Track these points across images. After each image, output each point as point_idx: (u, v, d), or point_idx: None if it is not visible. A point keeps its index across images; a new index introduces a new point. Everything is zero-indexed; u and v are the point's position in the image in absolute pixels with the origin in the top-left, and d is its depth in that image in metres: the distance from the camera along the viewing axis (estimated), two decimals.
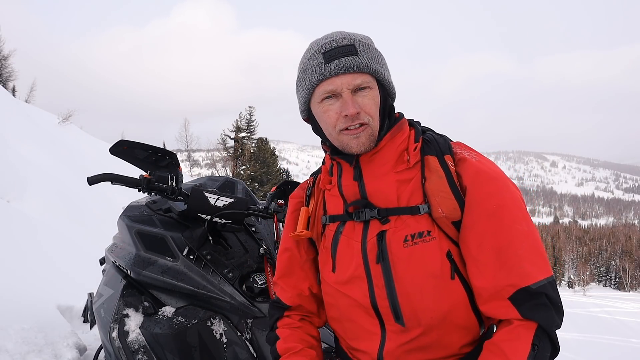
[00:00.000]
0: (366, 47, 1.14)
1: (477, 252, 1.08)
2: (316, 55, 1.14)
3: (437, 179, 1.12)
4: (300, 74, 1.19)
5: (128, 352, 1.70)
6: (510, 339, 1.02)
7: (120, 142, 1.77)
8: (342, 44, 1.12)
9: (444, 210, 1.10)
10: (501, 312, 1.06)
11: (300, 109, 1.24)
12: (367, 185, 1.17)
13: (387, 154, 1.16)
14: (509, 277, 1.04)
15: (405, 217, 1.12)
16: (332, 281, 1.23)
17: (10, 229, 4.90)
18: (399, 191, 1.14)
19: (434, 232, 1.10)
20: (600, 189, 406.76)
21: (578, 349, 7.39)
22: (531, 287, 1.03)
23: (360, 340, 1.20)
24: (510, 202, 1.09)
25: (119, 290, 1.82)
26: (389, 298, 1.12)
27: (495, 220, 1.07)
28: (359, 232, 1.17)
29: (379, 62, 1.15)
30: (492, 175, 1.12)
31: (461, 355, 1.15)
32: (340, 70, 1.10)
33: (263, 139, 37.76)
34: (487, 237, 1.07)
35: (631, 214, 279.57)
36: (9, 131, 9.45)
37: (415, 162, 1.15)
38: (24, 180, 7.05)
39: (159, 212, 1.94)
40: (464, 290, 1.11)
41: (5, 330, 2.31)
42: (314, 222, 1.30)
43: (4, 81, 27.34)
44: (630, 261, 74.57)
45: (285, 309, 1.35)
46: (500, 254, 1.06)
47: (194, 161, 45.92)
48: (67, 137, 15.33)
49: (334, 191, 1.25)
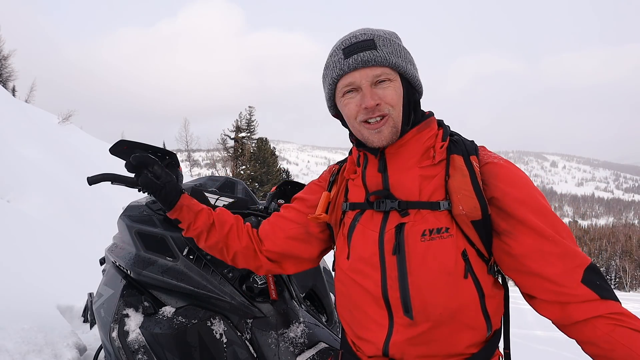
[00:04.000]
0: (387, 42, 1.15)
1: (537, 244, 1.09)
2: (337, 51, 1.17)
3: (461, 177, 1.13)
4: (324, 71, 1.23)
5: (128, 352, 1.70)
6: (625, 315, 1.04)
7: (120, 142, 1.77)
8: (361, 39, 1.14)
9: (464, 207, 1.11)
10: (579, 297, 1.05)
11: (327, 105, 1.28)
12: (390, 177, 1.18)
13: (412, 148, 1.18)
14: (575, 259, 1.06)
15: (425, 211, 1.13)
16: (345, 268, 1.24)
17: (10, 229, 4.90)
18: (422, 186, 1.15)
19: (452, 230, 1.11)
20: (600, 189, 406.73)
21: (578, 349, 7.38)
22: (592, 264, 1.07)
23: (367, 331, 1.20)
24: (541, 196, 1.14)
25: (119, 290, 1.82)
26: (400, 290, 1.12)
27: (540, 214, 1.10)
28: (377, 222, 1.18)
29: (401, 56, 1.16)
30: (522, 173, 1.16)
31: (467, 356, 1.15)
32: (359, 64, 1.13)
33: (263, 139, 37.76)
34: (541, 229, 1.09)
35: (631, 214, 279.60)
36: (9, 131, 9.45)
37: (440, 159, 1.17)
38: (24, 180, 7.05)
39: (159, 212, 1.94)
40: (476, 291, 1.12)
41: (5, 330, 2.31)
42: (334, 208, 1.32)
43: (4, 81, 27.33)
44: (630, 261, 74.62)
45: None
46: (557, 243, 1.08)
47: (194, 161, 45.91)
48: (67, 137, 15.33)
49: (357, 181, 1.27)
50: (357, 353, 1.26)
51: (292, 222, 1.41)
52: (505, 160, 1.19)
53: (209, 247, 1.44)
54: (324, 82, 1.24)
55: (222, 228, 1.42)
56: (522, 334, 8.69)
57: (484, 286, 1.13)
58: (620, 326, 1.02)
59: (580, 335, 1.08)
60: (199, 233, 1.41)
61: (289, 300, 1.82)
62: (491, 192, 1.13)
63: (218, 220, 1.43)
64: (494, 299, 1.16)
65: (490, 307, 1.15)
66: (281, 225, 1.42)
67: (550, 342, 8.07)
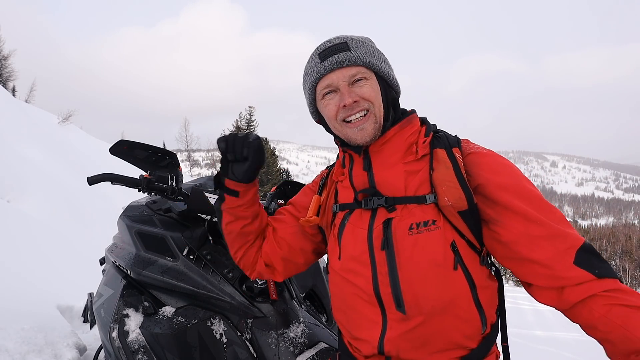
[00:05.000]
0: (360, 44, 1.20)
1: (524, 228, 1.08)
2: (314, 57, 1.23)
3: (445, 169, 1.15)
4: (303, 77, 1.28)
5: (128, 352, 1.70)
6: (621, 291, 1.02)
7: (120, 142, 1.77)
8: (335, 43, 1.20)
9: (450, 199, 1.12)
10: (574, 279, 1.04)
11: (310, 111, 1.31)
12: (375, 174, 1.21)
13: (395, 145, 1.20)
14: (565, 241, 1.05)
15: (411, 206, 1.15)
16: (337, 268, 1.25)
17: (10, 229, 4.90)
18: (407, 181, 1.17)
19: (439, 222, 1.12)
20: (600, 189, 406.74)
21: (578, 348, 7.38)
22: (585, 244, 1.05)
23: (362, 330, 1.21)
24: (528, 182, 1.14)
25: (119, 290, 1.82)
26: (391, 285, 1.13)
27: (525, 198, 1.10)
28: (365, 220, 1.20)
29: (375, 56, 1.21)
30: (506, 161, 1.17)
31: (465, 351, 1.15)
32: (334, 65, 1.17)
33: (263, 139, 37.75)
34: (528, 213, 1.09)
35: (631, 214, 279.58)
36: (9, 131, 9.45)
37: (423, 154, 1.19)
38: (24, 180, 7.06)
39: (159, 212, 1.94)
40: (467, 282, 1.12)
41: (5, 330, 2.31)
42: (324, 211, 1.34)
43: (4, 81, 27.33)
44: (630, 261, 74.63)
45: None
46: (545, 226, 1.07)
47: (194, 161, 45.91)
48: (67, 137, 15.34)
49: (345, 182, 1.29)
50: (354, 354, 1.26)
51: (288, 225, 1.42)
52: (489, 150, 1.21)
53: (243, 234, 1.39)
54: (304, 89, 1.28)
55: (262, 223, 1.42)
56: (522, 334, 8.69)
57: (475, 277, 1.13)
58: (616, 305, 1.01)
59: (579, 318, 1.07)
60: (249, 216, 1.37)
61: (289, 300, 1.82)
62: (475, 181, 1.15)
63: (262, 213, 1.43)
64: (487, 290, 1.16)
65: (483, 299, 1.15)
66: (278, 228, 1.43)
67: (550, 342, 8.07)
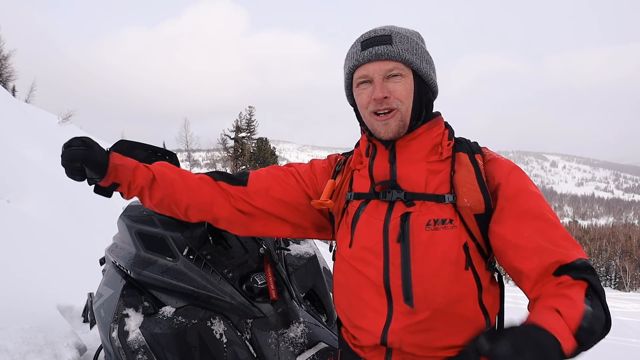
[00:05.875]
0: (404, 39, 1.20)
1: (516, 239, 1.10)
2: (356, 43, 1.24)
3: (467, 172, 1.18)
4: (345, 60, 1.29)
5: (128, 352, 1.70)
6: (567, 286, 1.02)
7: (120, 142, 1.77)
8: (379, 34, 1.20)
9: (469, 200, 1.14)
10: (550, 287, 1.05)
11: (346, 94, 1.33)
12: (398, 168, 1.22)
13: (422, 143, 1.22)
14: (554, 256, 1.06)
15: (430, 203, 1.17)
16: (347, 256, 1.25)
17: (10, 229, 4.90)
18: (428, 179, 1.19)
19: (455, 222, 1.15)
20: (600, 189, 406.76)
21: None
22: (575, 262, 1.05)
23: (365, 319, 1.21)
24: (538, 195, 1.17)
25: (119, 290, 1.82)
26: (402, 277, 1.14)
27: (530, 210, 1.12)
28: (382, 211, 1.21)
29: (416, 53, 1.20)
30: (522, 173, 1.21)
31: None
32: (372, 57, 1.18)
33: (263, 139, 37.79)
34: (525, 224, 1.11)
35: (631, 214, 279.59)
36: (9, 131, 9.45)
37: (447, 156, 1.21)
38: (24, 180, 7.06)
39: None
40: (475, 284, 1.14)
41: (5, 330, 2.31)
42: (337, 197, 1.34)
43: (4, 81, 27.33)
44: (630, 261, 74.62)
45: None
46: (539, 239, 1.09)
47: (194, 161, 45.94)
48: (67, 137, 15.33)
49: (363, 172, 1.30)
50: (354, 347, 1.26)
51: (291, 188, 1.38)
52: (506, 159, 1.24)
53: (157, 205, 1.36)
54: (344, 71, 1.29)
55: (164, 181, 1.34)
56: None
57: (482, 280, 1.16)
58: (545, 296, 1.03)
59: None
60: (141, 190, 1.33)
61: (289, 300, 1.82)
62: (492, 185, 1.18)
63: (159, 174, 1.34)
64: (491, 294, 1.19)
65: (487, 302, 1.17)
66: (276, 185, 1.38)
67: None
